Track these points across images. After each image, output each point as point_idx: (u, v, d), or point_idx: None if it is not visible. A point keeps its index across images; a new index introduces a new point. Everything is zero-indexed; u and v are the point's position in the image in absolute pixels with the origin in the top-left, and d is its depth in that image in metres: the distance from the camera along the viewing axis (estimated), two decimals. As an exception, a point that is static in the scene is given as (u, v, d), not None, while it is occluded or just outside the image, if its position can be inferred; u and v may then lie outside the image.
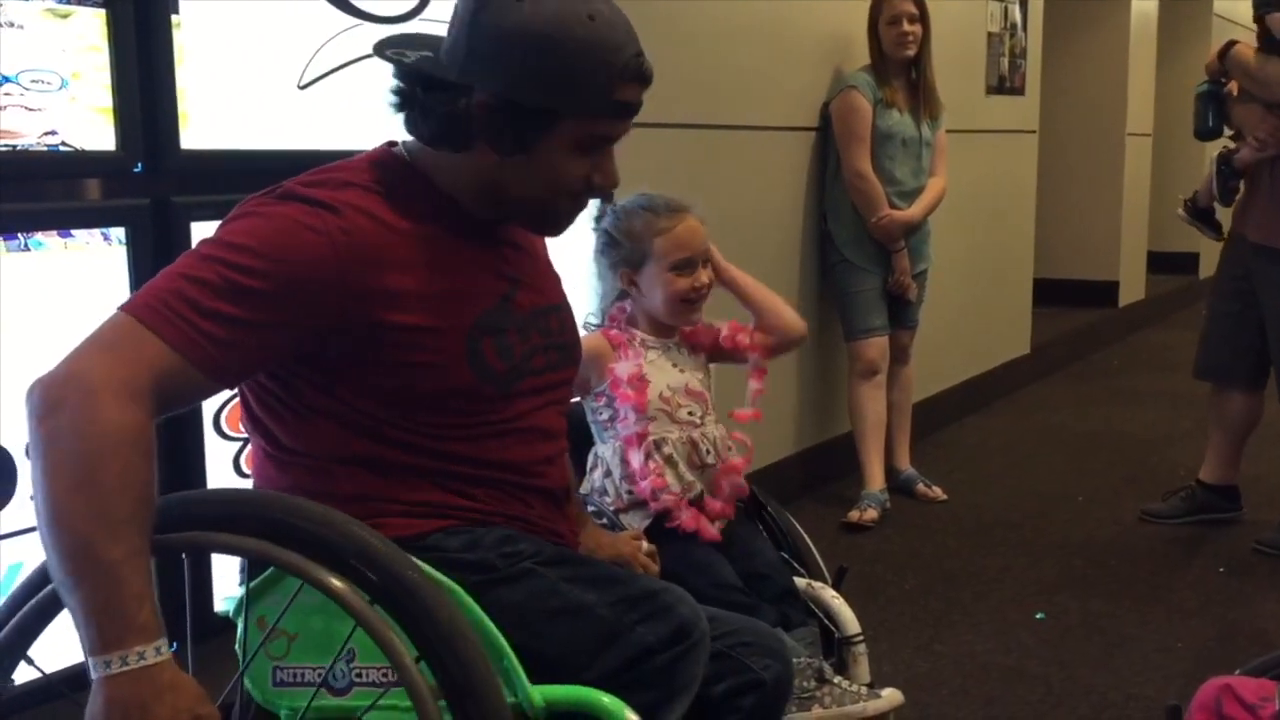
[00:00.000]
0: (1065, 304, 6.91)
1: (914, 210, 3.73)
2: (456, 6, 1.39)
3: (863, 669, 1.93)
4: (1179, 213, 3.75)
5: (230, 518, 1.28)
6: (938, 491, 3.95)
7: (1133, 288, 7.56)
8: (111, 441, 1.17)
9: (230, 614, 1.37)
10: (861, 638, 1.95)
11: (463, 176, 1.43)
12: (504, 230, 1.50)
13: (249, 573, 1.33)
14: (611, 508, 1.96)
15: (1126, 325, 7.32)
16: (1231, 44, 3.48)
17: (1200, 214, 3.68)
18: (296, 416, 1.39)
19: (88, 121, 1.87)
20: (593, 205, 2.66)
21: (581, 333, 2.02)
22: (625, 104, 1.39)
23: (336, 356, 1.35)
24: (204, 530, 1.28)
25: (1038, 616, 2.97)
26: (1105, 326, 7.03)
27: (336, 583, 1.22)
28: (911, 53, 3.64)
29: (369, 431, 1.38)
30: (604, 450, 2.01)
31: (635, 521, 1.94)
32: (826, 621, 1.95)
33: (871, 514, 3.70)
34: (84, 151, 1.85)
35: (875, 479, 3.81)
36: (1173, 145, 8.02)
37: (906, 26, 3.60)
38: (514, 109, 1.35)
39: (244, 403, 1.42)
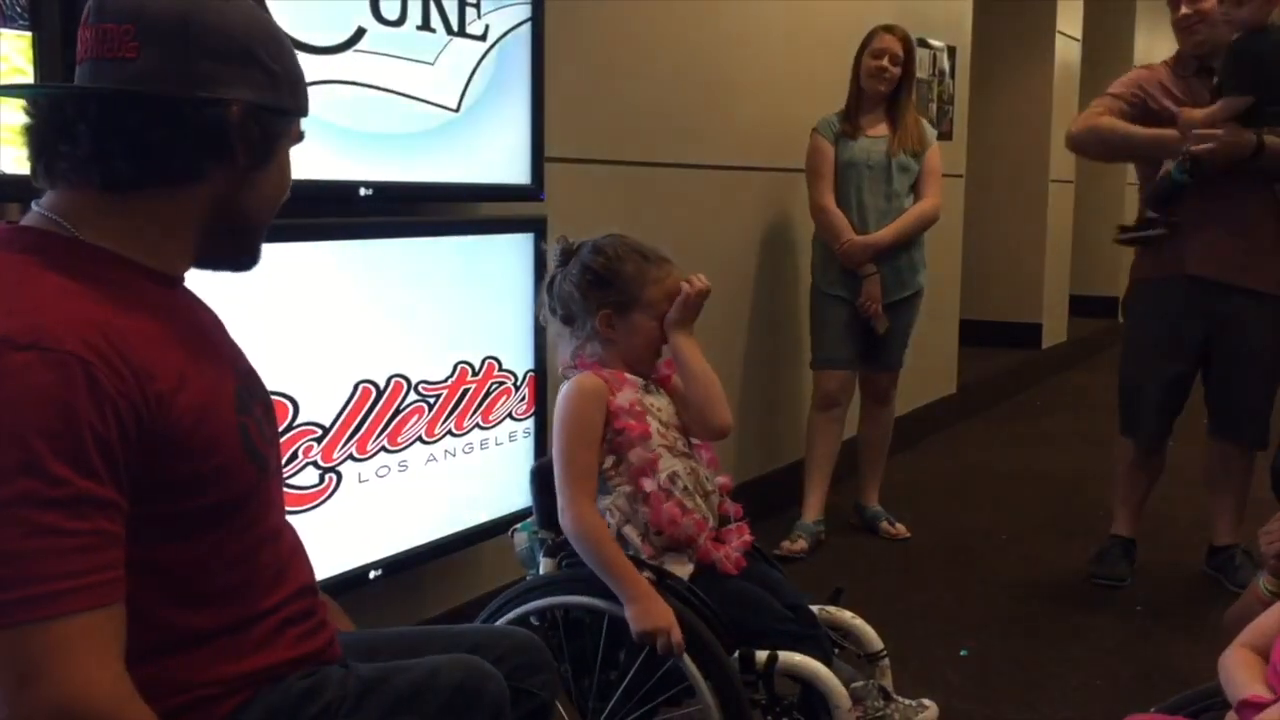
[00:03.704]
0: (990, 344, 7.04)
1: (881, 234, 3.71)
2: (147, 21, 1.19)
3: (889, 682, 1.99)
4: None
5: None
6: (900, 529, 4.00)
7: (1055, 330, 7.72)
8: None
9: None
10: (885, 653, 2.01)
11: (172, 220, 1.24)
12: (183, 294, 1.31)
13: None
14: (645, 558, 1.88)
15: (1049, 366, 7.46)
16: None
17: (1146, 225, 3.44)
18: None
19: (8, 144, 1.83)
20: (523, 240, 2.62)
21: (562, 383, 1.95)
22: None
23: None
24: None
25: (962, 653, 3.00)
26: (1028, 367, 7.16)
27: None
28: (884, 89, 3.73)
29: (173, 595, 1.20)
30: (609, 500, 1.90)
31: (676, 568, 1.88)
32: (840, 642, 2.01)
33: (801, 544, 3.73)
34: (4, 175, 1.81)
35: (812, 509, 3.86)
36: (1094, 191, 8.23)
37: (886, 63, 3.69)
38: (266, 113, 1.25)
39: None
